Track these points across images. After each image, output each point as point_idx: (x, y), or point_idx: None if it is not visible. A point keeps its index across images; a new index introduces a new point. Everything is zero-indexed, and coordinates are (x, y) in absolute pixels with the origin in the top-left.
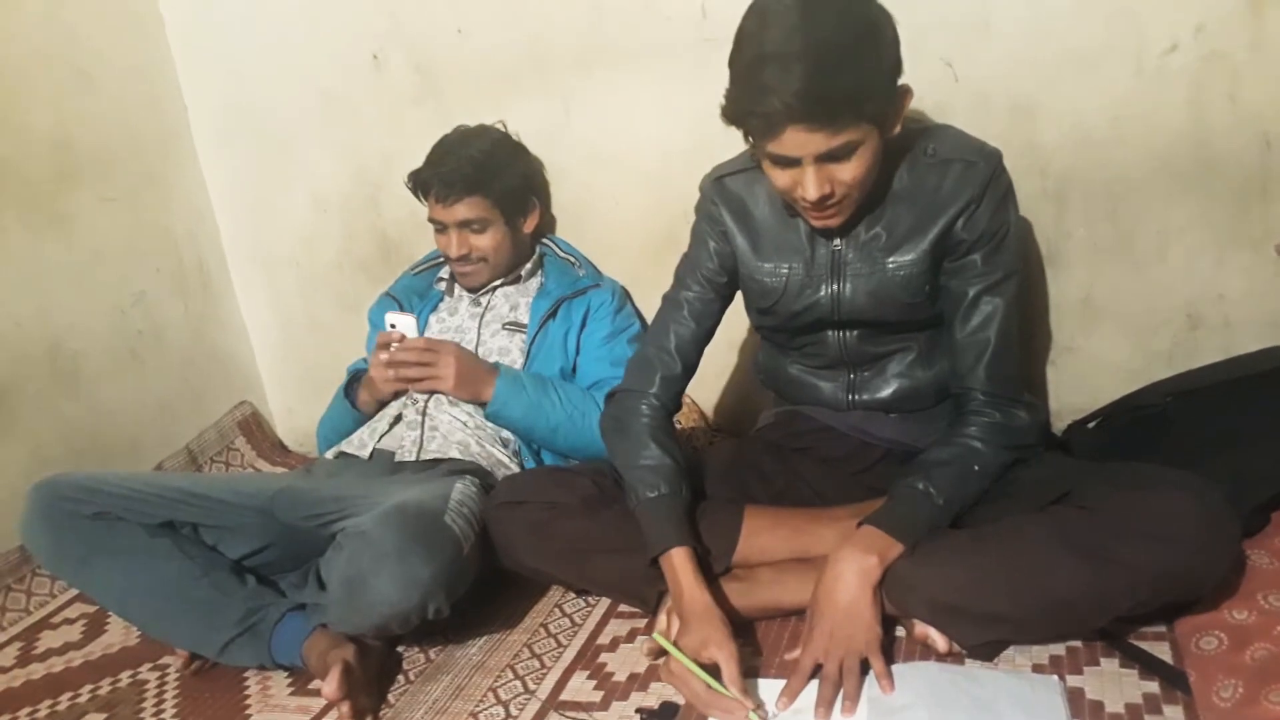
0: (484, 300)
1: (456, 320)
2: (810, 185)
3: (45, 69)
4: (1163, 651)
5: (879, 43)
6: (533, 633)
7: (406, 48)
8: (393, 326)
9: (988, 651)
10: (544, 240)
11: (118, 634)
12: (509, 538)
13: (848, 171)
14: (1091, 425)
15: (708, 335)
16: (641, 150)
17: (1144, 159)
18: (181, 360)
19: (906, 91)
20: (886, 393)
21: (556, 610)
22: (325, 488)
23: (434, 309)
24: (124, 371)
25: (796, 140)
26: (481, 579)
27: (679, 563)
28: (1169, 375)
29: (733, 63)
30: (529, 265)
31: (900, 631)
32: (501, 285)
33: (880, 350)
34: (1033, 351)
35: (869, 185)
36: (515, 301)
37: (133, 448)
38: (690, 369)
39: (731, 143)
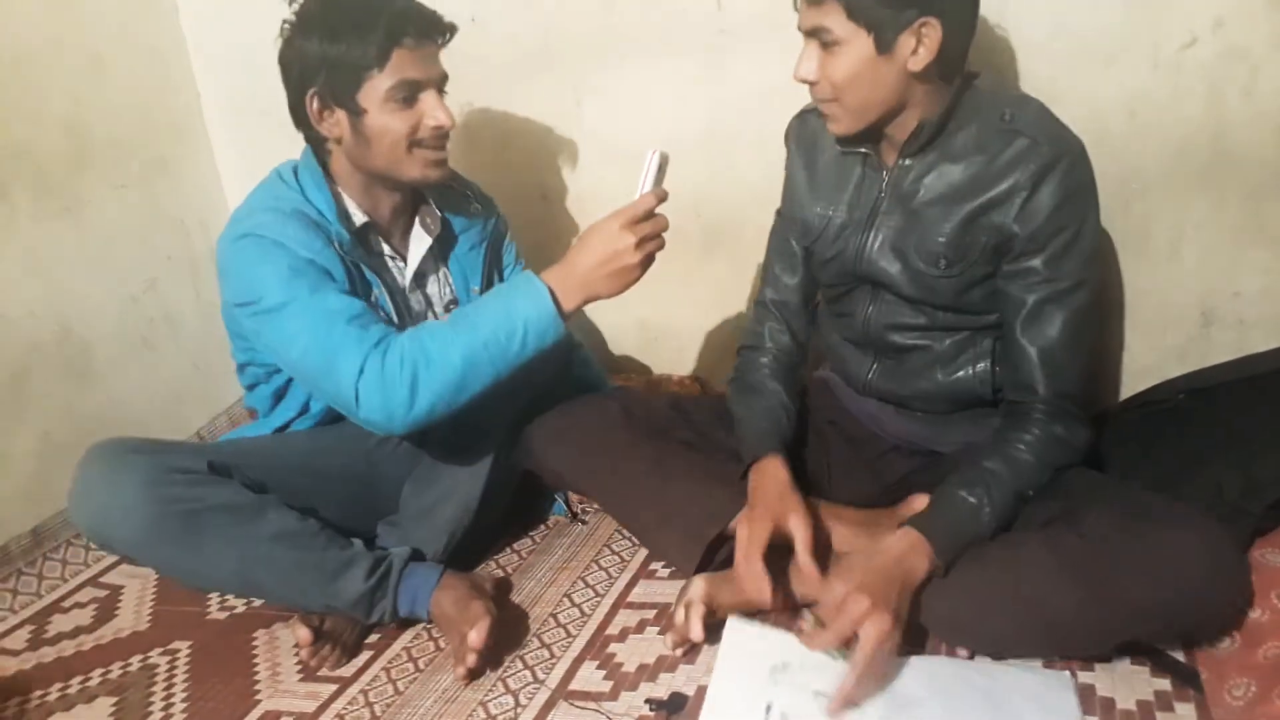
0: (421, 269)
1: (400, 303)
2: (801, 62)
3: (59, 53)
4: (1174, 649)
5: None
6: (542, 622)
7: None
8: (660, 170)
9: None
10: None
11: (128, 618)
12: (582, 430)
13: (829, 66)
14: (1104, 422)
15: (806, 283)
16: (654, 141)
17: (1160, 154)
18: (193, 347)
19: (930, 25)
20: (902, 388)
21: (565, 600)
22: None
23: (378, 284)
24: (135, 358)
25: (800, 5)
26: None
27: (769, 464)
28: (1182, 373)
29: None
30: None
31: None
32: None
33: (901, 341)
34: None
35: (864, 103)
36: (435, 267)
37: (142, 434)
38: (798, 316)
39: (741, 134)
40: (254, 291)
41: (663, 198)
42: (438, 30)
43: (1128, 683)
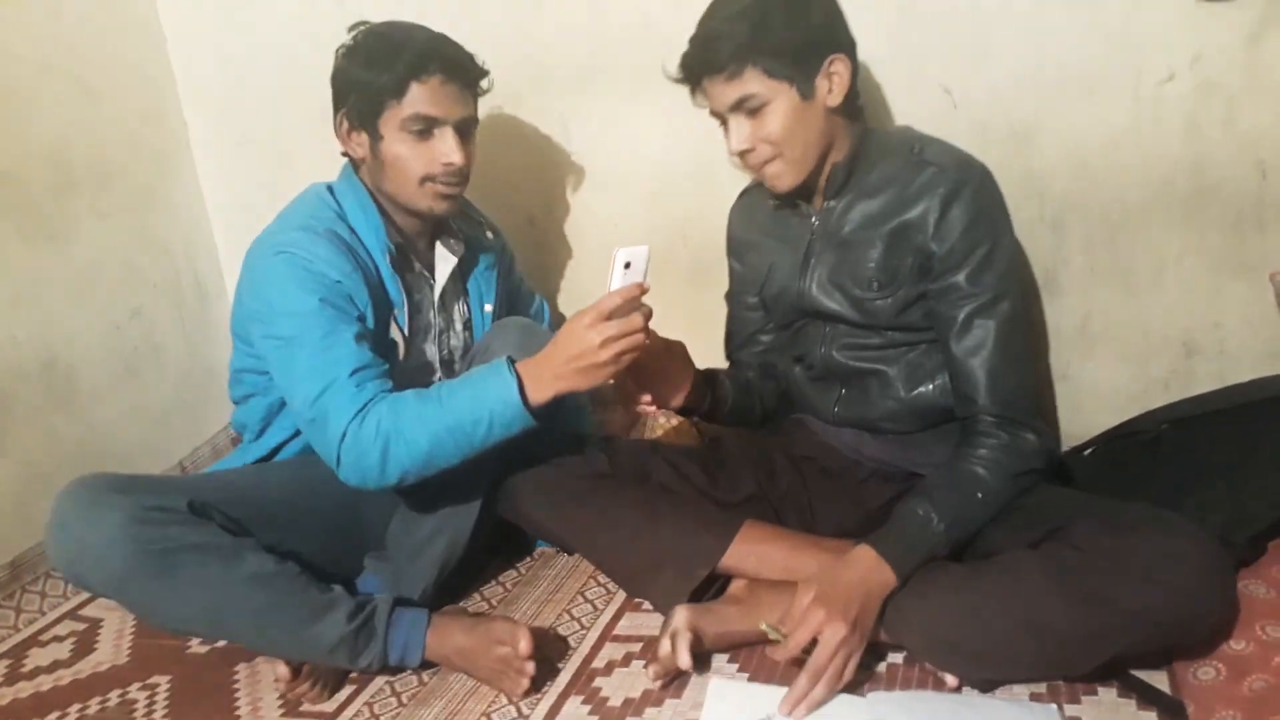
0: (445, 290)
1: (424, 320)
2: (732, 137)
3: (46, 81)
4: (1161, 681)
5: (789, 5)
6: None
7: None
8: (627, 267)
9: (985, 684)
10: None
11: (107, 652)
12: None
13: (763, 127)
14: (1088, 452)
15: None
16: (641, 170)
17: (1141, 186)
18: (176, 376)
19: (839, 61)
20: (869, 412)
21: (550, 634)
22: None
23: (402, 303)
24: (119, 386)
25: (709, 91)
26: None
27: None
28: (1165, 403)
29: None
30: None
31: (896, 657)
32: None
33: (860, 365)
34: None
35: (804, 149)
36: (455, 287)
37: (125, 463)
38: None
39: (729, 162)
40: (273, 309)
41: (633, 294)
42: (464, 73)
43: (1114, 715)
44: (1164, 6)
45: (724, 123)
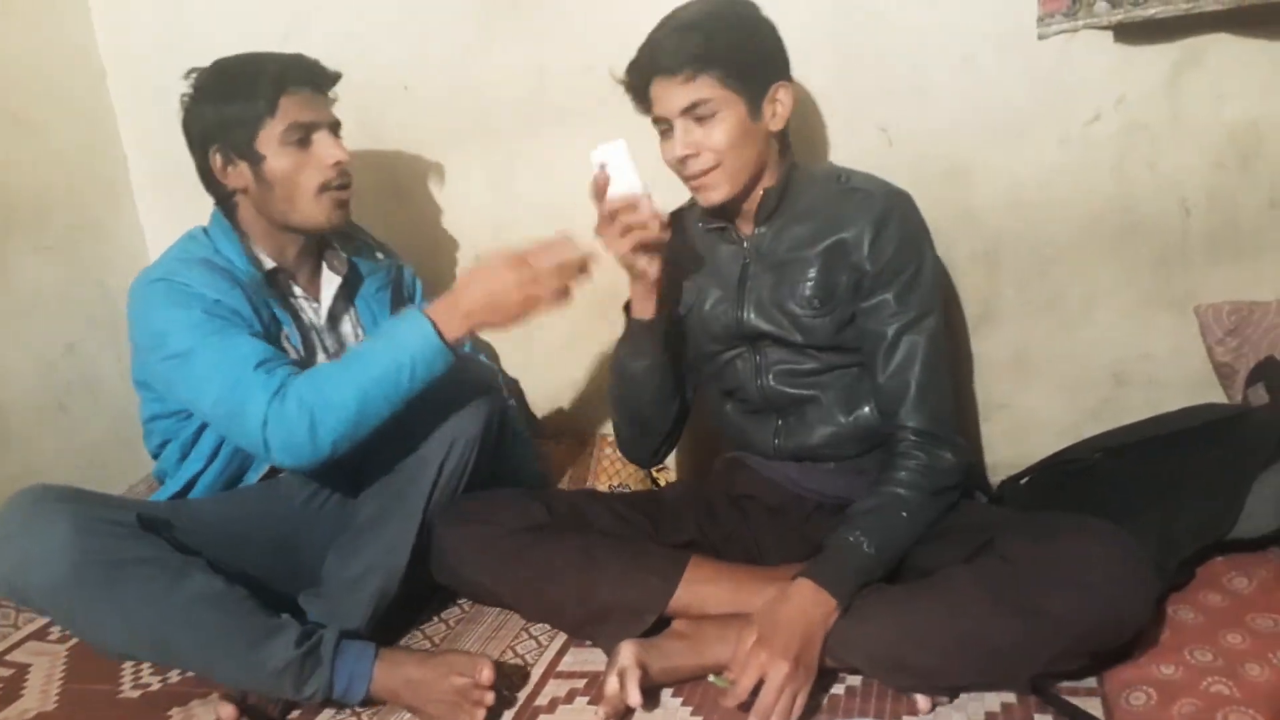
0: (333, 310)
1: (311, 343)
2: (677, 141)
3: None
4: (1094, 706)
5: (742, 22)
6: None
7: (352, 103)
8: (602, 167)
9: (951, 691)
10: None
11: (34, 698)
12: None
13: (710, 135)
14: (1024, 481)
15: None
16: (584, 206)
17: (1072, 223)
18: (113, 412)
19: (783, 88)
20: (809, 439)
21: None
22: None
23: (289, 322)
24: (52, 424)
25: (660, 94)
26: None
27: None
28: (1098, 432)
29: None
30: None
31: (838, 689)
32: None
33: (797, 391)
34: (966, 408)
35: (743, 164)
36: (346, 308)
37: None
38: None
39: (675, 199)
40: (162, 334)
41: (603, 189)
42: (322, 78)
43: None
44: (1091, 50)
45: (665, 131)
